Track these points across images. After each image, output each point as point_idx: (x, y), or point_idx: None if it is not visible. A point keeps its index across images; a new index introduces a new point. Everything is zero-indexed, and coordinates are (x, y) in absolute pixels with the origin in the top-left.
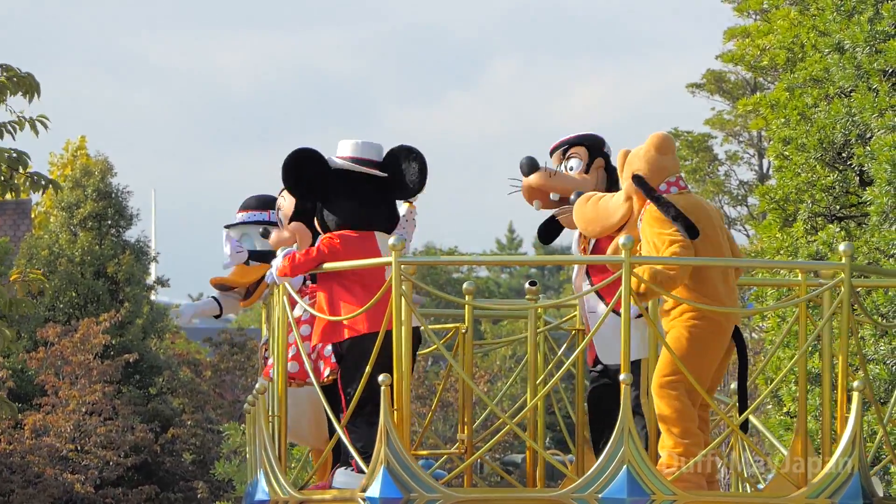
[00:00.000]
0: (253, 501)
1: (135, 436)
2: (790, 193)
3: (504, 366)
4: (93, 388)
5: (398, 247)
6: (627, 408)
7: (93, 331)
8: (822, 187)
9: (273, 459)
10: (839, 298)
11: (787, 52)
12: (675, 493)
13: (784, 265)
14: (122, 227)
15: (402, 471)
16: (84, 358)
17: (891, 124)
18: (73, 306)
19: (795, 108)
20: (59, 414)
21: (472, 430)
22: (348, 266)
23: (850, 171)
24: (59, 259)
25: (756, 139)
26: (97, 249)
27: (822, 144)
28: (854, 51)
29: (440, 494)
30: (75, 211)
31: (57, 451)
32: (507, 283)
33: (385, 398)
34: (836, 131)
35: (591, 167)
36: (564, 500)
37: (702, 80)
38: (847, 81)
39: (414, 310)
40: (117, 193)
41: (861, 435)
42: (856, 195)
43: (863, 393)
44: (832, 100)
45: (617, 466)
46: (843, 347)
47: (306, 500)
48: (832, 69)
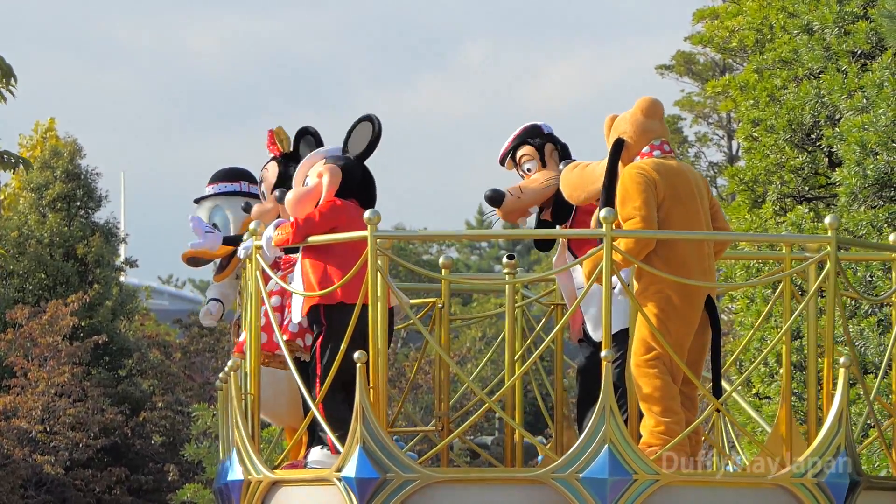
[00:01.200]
0: (225, 482)
1: (104, 417)
2: (759, 175)
3: (474, 347)
4: (62, 369)
5: (374, 220)
6: (609, 385)
7: (61, 312)
8: (791, 168)
9: (246, 438)
10: (825, 271)
11: (756, 33)
12: (658, 472)
13: (769, 238)
14: (91, 209)
15: (378, 450)
16: (53, 339)
17: (859, 106)
18: (42, 288)
19: (764, 89)
20: (29, 395)
21: (448, 408)
22: (331, 239)
23: (819, 153)
24: (29, 241)
25: (725, 121)
26: (66, 231)
27: (791, 126)
28: (823, 32)
29: (417, 474)
30: (44, 192)
31: (26, 433)
32: (476, 265)
33: (361, 376)
34: (805, 113)
35: (545, 157)
36: (544, 479)
37: (671, 61)
38: (816, 63)
39: (392, 286)
40: (86, 175)
41: (848, 412)
42: (825, 176)
43: (849, 369)
44: (801, 81)
45: (598, 445)
46: (829, 321)
47: (280, 480)
48: (801, 51)
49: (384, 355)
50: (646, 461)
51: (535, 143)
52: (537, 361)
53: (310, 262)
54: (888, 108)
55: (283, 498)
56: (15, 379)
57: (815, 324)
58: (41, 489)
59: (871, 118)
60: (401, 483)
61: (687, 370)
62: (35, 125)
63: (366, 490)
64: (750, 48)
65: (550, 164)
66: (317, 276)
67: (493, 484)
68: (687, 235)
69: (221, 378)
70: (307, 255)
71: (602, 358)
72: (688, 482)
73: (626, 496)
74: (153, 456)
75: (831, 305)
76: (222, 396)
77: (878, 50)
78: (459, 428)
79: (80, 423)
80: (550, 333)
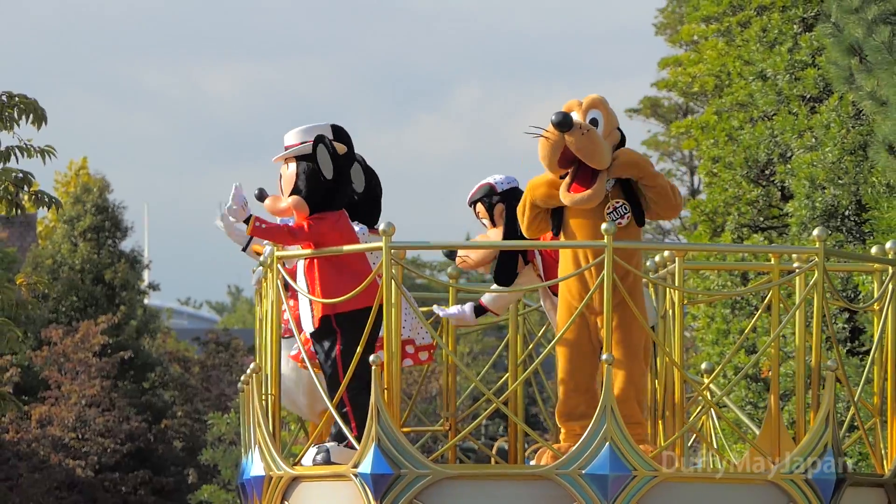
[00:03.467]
0: (248, 478)
1: (130, 425)
2: (719, 207)
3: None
4: (92, 382)
5: (389, 232)
6: (609, 385)
7: (92, 331)
8: (747, 201)
9: (268, 436)
10: (812, 281)
11: (716, 79)
12: (657, 469)
13: (758, 249)
14: (118, 238)
15: (392, 448)
16: (84, 356)
17: (809, 144)
18: (74, 309)
19: (723, 129)
20: (62, 406)
21: (455, 408)
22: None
23: (773, 187)
24: (62, 267)
25: (688, 158)
26: (96, 258)
27: (747, 163)
28: (775, 78)
29: (430, 471)
30: (76, 224)
31: (60, 440)
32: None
33: (376, 378)
34: (759, 151)
35: (495, 217)
36: (549, 475)
37: (639, 105)
38: (769, 106)
39: (405, 293)
40: (114, 208)
41: (834, 413)
42: (777, 208)
43: (836, 373)
44: (756, 122)
45: (600, 443)
46: (816, 330)
47: (300, 476)
48: (756, 95)
49: (397, 359)
50: (645, 459)
51: (485, 203)
52: (535, 364)
53: (318, 273)
54: (835, 147)
55: (303, 493)
56: (50, 391)
57: (803, 333)
58: (73, 490)
59: (820, 156)
60: (414, 479)
61: (682, 370)
62: (70, 163)
63: (381, 485)
64: (710, 92)
65: (499, 222)
66: (327, 286)
67: (501, 480)
68: (685, 247)
69: (244, 380)
70: (313, 267)
71: (602, 361)
72: (684, 479)
73: (626, 492)
74: (174, 460)
75: (818, 315)
76: (244, 397)
77: (826, 94)
78: (468, 427)
79: (109, 431)
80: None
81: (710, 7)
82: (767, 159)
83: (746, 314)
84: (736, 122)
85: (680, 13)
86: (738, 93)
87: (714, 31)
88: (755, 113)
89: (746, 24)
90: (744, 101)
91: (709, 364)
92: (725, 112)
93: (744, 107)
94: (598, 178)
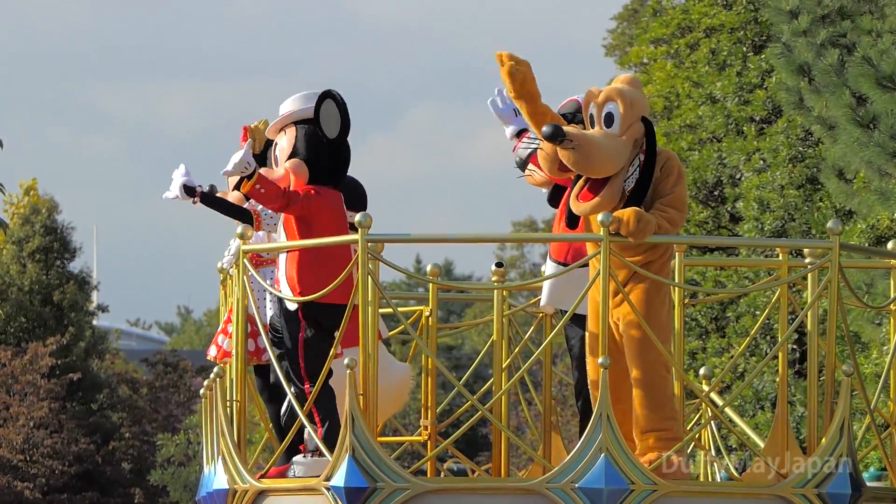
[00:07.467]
0: (210, 491)
1: (78, 447)
2: None
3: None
4: (40, 404)
5: (365, 223)
6: (606, 392)
7: (40, 353)
8: (696, 222)
9: (232, 446)
10: (827, 278)
11: (665, 100)
12: (656, 482)
13: (768, 243)
14: (66, 259)
15: (368, 459)
16: (32, 377)
17: (757, 167)
18: (22, 331)
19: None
20: (10, 428)
21: (435, 416)
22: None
23: (722, 209)
24: (10, 288)
25: None
26: (44, 279)
27: (696, 184)
28: (724, 100)
29: (408, 484)
30: (25, 245)
31: (8, 462)
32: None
33: (351, 382)
34: (708, 173)
35: None
36: (539, 489)
37: None
38: (718, 128)
39: (381, 291)
40: (62, 229)
41: (850, 422)
42: (727, 229)
43: (851, 378)
44: (705, 144)
45: (595, 454)
46: (832, 329)
47: (267, 490)
48: (704, 117)
49: (374, 360)
50: (644, 471)
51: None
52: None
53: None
54: (783, 170)
55: None
56: None
57: (815, 334)
58: None
59: (768, 178)
60: (391, 492)
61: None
62: (21, 183)
63: (355, 500)
64: (659, 114)
65: None
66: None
67: (485, 493)
68: (691, 240)
69: (206, 385)
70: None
71: (598, 365)
72: (686, 493)
73: None
74: (122, 481)
75: (833, 313)
76: (206, 404)
77: (775, 116)
78: (449, 438)
79: (57, 453)
80: (539, 342)
81: (659, 29)
82: (716, 181)
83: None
84: (684, 144)
85: (630, 35)
86: (687, 115)
87: (663, 52)
88: (703, 135)
89: (695, 46)
90: (693, 123)
91: (707, 369)
92: (674, 134)
93: (692, 129)
94: (609, 183)
